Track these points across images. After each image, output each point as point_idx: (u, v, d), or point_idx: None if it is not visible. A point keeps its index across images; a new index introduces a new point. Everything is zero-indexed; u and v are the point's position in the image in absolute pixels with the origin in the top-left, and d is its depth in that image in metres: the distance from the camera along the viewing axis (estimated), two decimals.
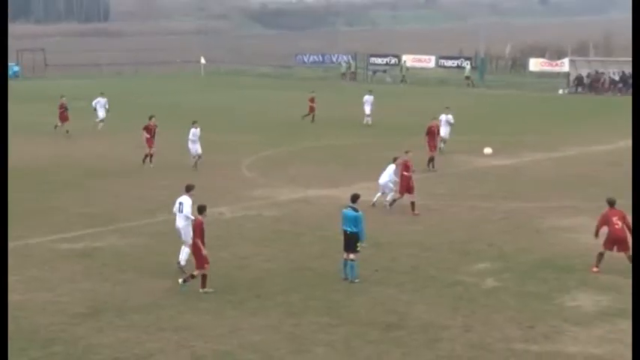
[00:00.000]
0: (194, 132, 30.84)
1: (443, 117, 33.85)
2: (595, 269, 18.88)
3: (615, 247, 18.83)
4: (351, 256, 17.85)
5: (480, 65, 69.82)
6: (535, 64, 69.62)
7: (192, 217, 17.91)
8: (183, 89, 64.71)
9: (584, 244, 20.66)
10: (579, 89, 61.03)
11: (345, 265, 17.96)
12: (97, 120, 40.67)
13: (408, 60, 76.34)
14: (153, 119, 31.73)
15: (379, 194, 24.50)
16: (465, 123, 44.38)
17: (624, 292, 17.00)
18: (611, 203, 19.32)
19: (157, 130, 31.48)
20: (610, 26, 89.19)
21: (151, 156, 31.29)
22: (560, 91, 61.08)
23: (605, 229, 18.94)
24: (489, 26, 74.55)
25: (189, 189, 18.81)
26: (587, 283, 17.68)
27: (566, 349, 14.19)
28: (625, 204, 19.37)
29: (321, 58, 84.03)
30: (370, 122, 42.69)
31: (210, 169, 30.35)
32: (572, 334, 14.84)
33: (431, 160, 30.35)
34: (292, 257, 19.93)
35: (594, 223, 22.69)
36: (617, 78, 60.10)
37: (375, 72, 73.64)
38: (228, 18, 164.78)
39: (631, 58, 65.66)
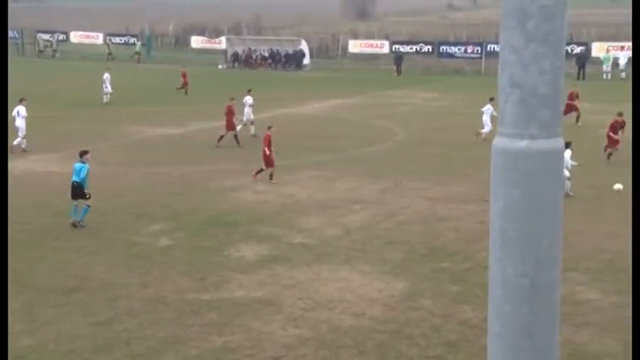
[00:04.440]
0: (19, 110, 26.57)
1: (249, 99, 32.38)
2: None
3: None
4: (82, 202, 18.43)
5: (147, 42, 68.98)
6: (196, 42, 70.49)
7: None
8: None
9: (246, 202, 21.46)
10: (236, 64, 62.80)
11: (76, 210, 18.45)
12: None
13: (76, 37, 73.56)
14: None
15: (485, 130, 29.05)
16: (137, 95, 43.73)
17: (280, 241, 17.97)
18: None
19: None
20: (259, 9, 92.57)
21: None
22: (220, 66, 62.38)
23: None
24: (153, 6, 73.52)
25: None
26: (250, 235, 18.35)
27: (233, 295, 14.64)
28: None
29: None
30: (107, 100, 39.72)
31: None
32: (238, 281, 15.33)
33: (222, 137, 29.00)
34: None
35: (253, 184, 23.65)
36: (267, 54, 62.78)
37: (43, 49, 69.50)
38: None
39: (278, 37, 69.09)
